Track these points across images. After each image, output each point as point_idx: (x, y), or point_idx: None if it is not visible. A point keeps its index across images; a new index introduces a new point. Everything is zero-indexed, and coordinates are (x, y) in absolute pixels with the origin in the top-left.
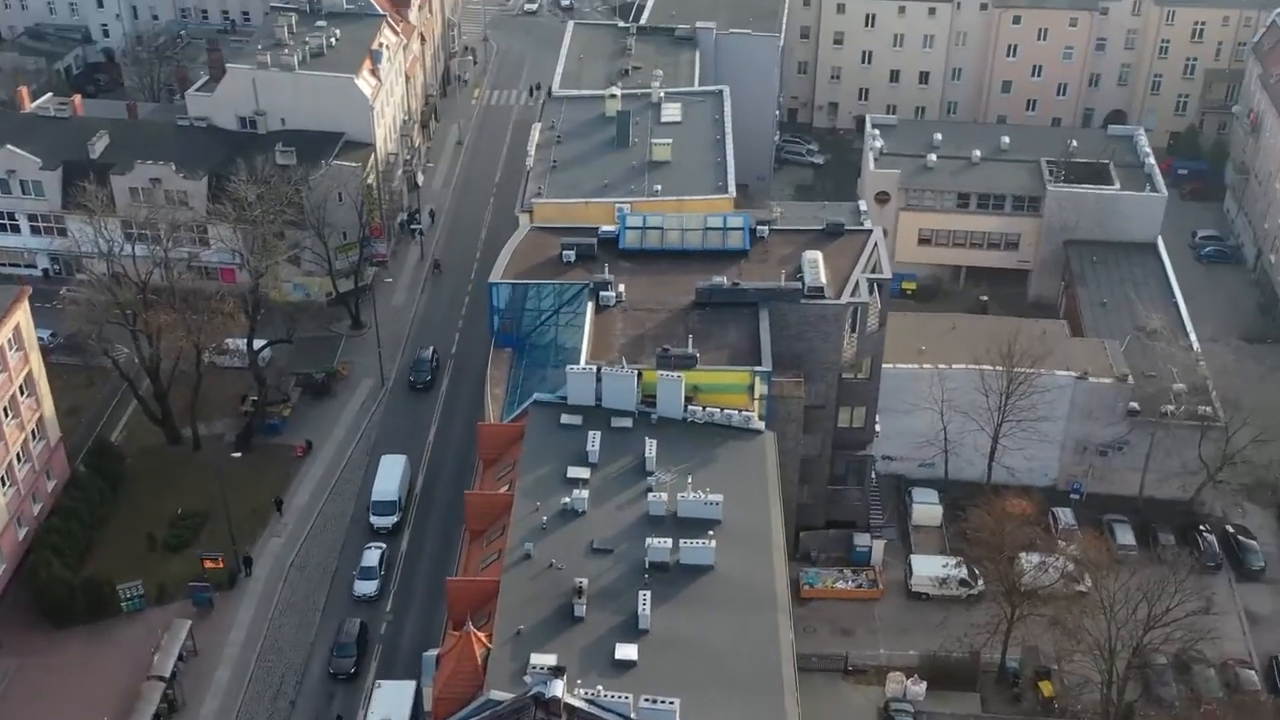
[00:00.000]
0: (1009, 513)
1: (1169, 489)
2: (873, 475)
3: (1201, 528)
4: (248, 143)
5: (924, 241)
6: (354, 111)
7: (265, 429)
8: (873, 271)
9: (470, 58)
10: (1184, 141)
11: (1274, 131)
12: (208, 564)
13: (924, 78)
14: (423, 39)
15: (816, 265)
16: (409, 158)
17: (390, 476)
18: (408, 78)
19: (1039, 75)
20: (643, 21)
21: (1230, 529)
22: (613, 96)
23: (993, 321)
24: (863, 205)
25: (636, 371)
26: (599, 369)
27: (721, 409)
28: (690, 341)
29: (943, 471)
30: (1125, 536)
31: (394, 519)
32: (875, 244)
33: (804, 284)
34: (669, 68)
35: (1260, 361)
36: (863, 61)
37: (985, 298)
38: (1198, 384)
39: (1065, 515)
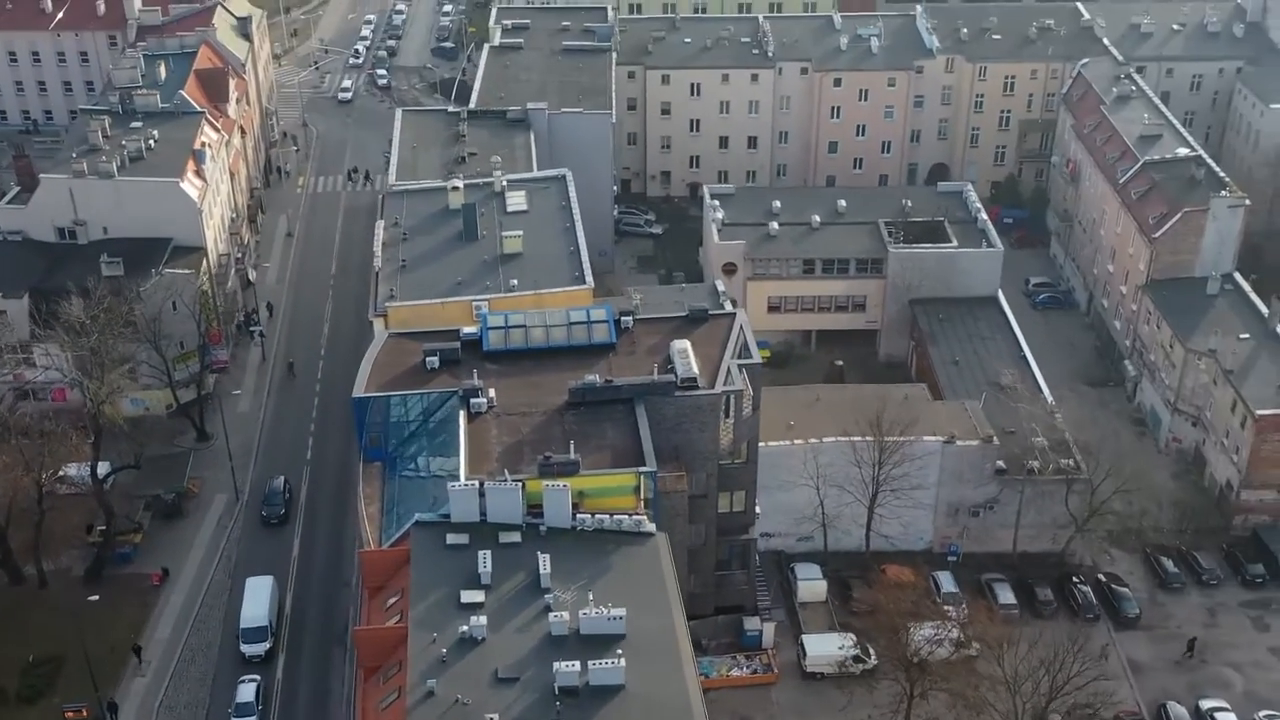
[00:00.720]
0: (891, 583)
1: (1040, 542)
2: (755, 556)
3: (1075, 579)
4: (69, 255)
5: (773, 309)
6: (181, 216)
7: (116, 559)
8: (741, 355)
9: (292, 145)
10: (1005, 190)
11: (1093, 180)
12: (70, 715)
13: (752, 142)
14: (243, 131)
15: (687, 355)
16: (239, 255)
17: (258, 600)
18: (232, 174)
19: (863, 134)
20: (472, 104)
21: (1102, 578)
22: (455, 189)
23: (855, 390)
24: (720, 285)
25: (520, 483)
26: (481, 484)
27: (610, 514)
28: (570, 445)
29: (822, 544)
30: (1006, 595)
31: (266, 646)
32: (741, 326)
33: (676, 376)
34: (505, 152)
35: (1104, 405)
36: (691, 130)
37: (840, 363)
38: (1057, 437)
39: (946, 580)
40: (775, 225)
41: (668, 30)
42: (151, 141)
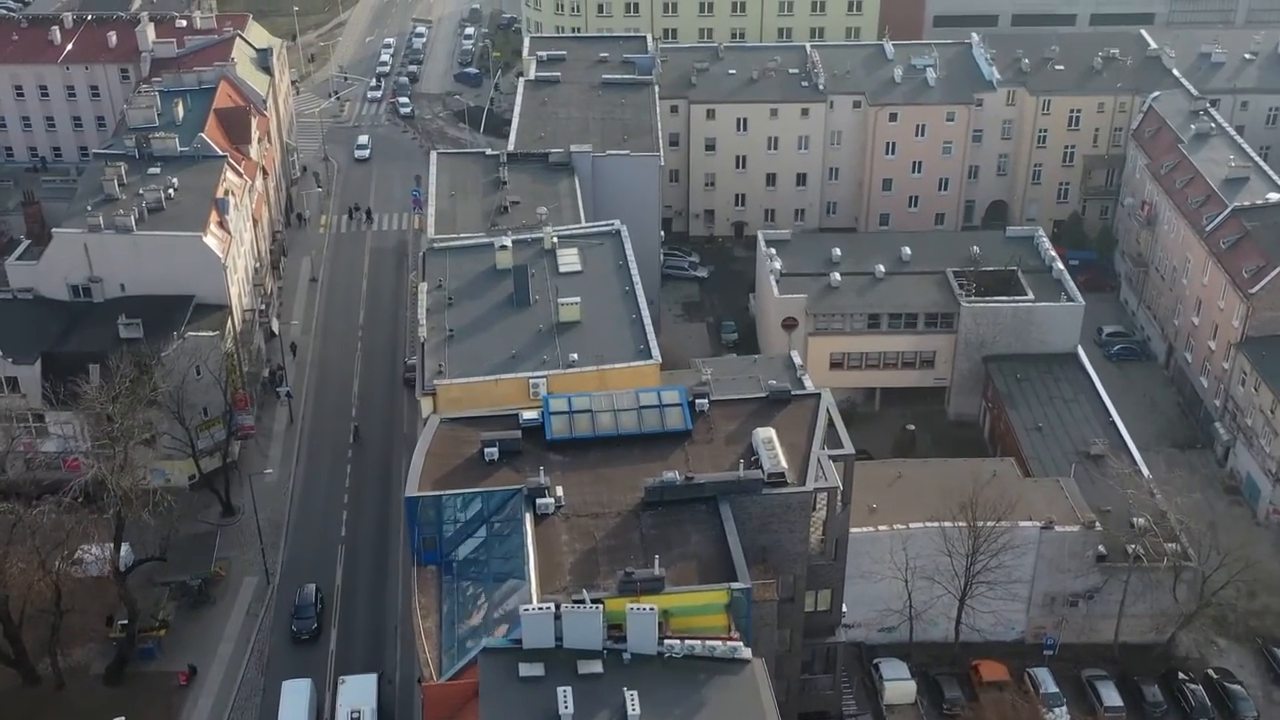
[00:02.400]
0: (988, 684)
1: (1143, 633)
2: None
3: (1184, 676)
4: (84, 314)
5: (835, 365)
6: (204, 272)
7: (140, 655)
8: (829, 442)
9: (314, 183)
10: (1069, 230)
11: (1172, 225)
12: None
13: (801, 179)
14: (265, 173)
15: (772, 446)
16: (263, 306)
17: (296, 711)
18: (255, 220)
19: (919, 171)
20: (511, 145)
21: (1212, 674)
22: (503, 248)
23: (939, 466)
24: (797, 358)
25: (599, 604)
26: (558, 607)
27: (702, 640)
28: (649, 554)
29: (906, 635)
30: (1111, 696)
31: None
32: (828, 410)
33: (763, 471)
34: (549, 199)
35: (1194, 470)
36: (737, 166)
37: (912, 428)
38: (1157, 515)
39: (1045, 678)
40: (837, 276)
41: (710, 60)
42: (171, 190)
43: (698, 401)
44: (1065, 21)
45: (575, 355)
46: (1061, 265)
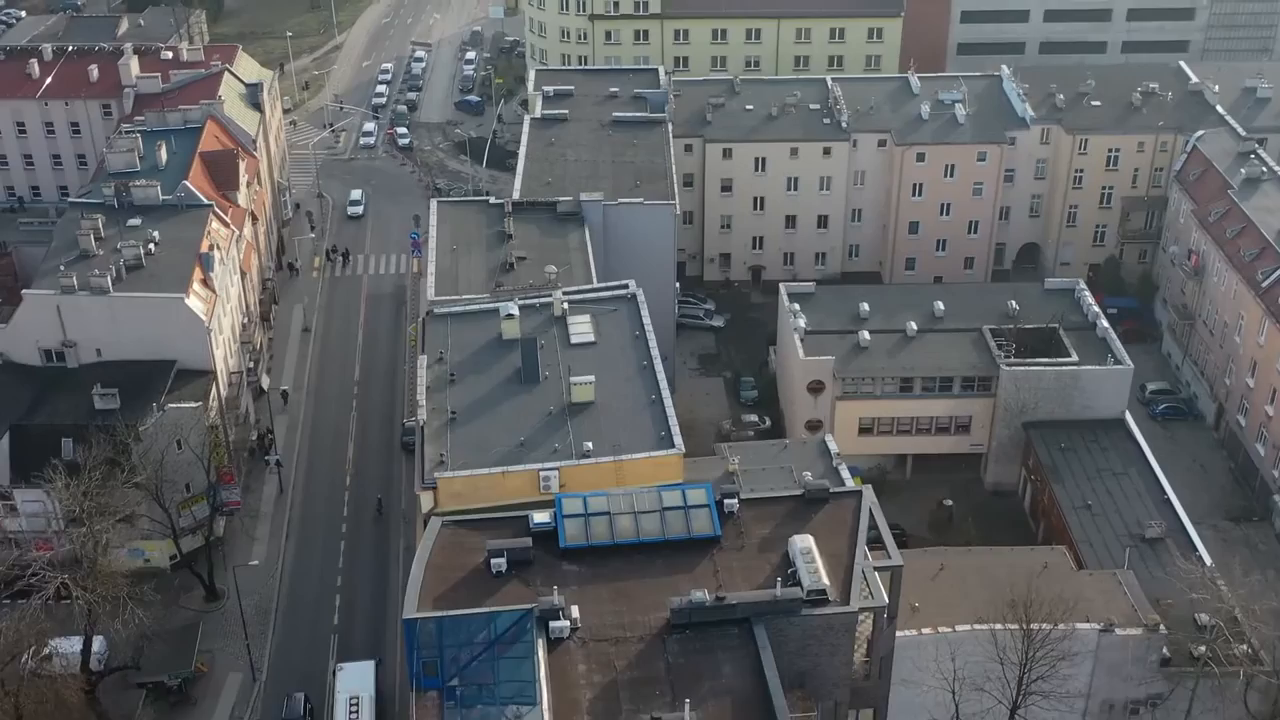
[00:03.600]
0: None
1: None
2: None
3: None
4: (57, 382)
5: (865, 430)
6: (186, 336)
7: None
8: (875, 551)
9: (308, 222)
10: (1106, 275)
11: (1223, 278)
12: None
13: (823, 221)
14: (254, 218)
15: (811, 558)
16: (251, 364)
17: None
18: (243, 272)
19: (948, 214)
20: (516, 192)
21: None
22: (510, 316)
23: (984, 557)
24: (833, 444)
25: None
26: None
27: None
28: (674, 687)
29: None
30: None
31: None
32: (870, 510)
33: (802, 588)
34: (559, 254)
35: (1251, 545)
36: (755, 208)
37: (949, 503)
38: (1223, 611)
39: None
40: (866, 335)
41: (726, 95)
42: (151, 245)
43: (726, 502)
44: (1095, 50)
45: (590, 444)
46: (1107, 323)
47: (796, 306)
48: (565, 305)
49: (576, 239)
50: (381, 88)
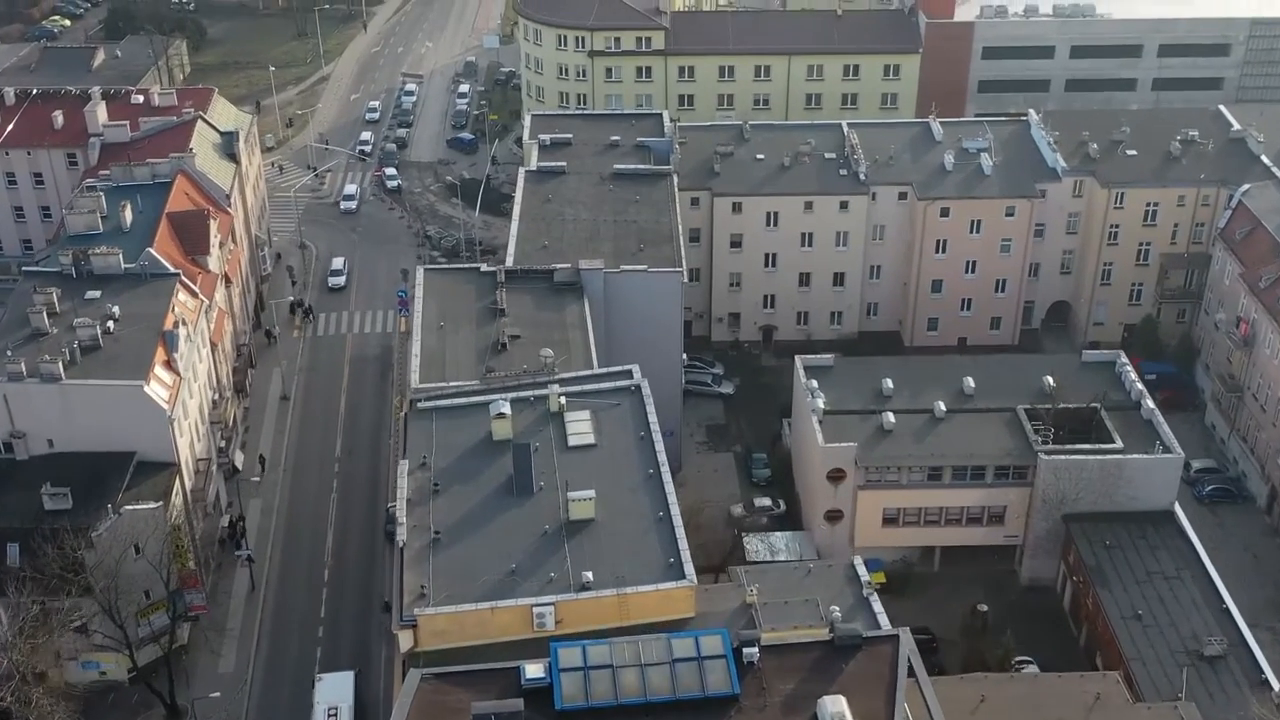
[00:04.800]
0: None
1: None
2: None
3: None
4: (4, 476)
5: (889, 522)
6: (147, 426)
7: None
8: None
9: (289, 277)
10: (1143, 337)
11: (1276, 349)
12: None
13: (839, 279)
14: (228, 280)
15: None
16: (222, 445)
17: None
18: (213, 344)
19: (973, 272)
20: (509, 260)
21: None
22: (501, 415)
23: (1030, 685)
24: (862, 570)
25: None
26: None
27: None
28: None
29: None
30: None
31: None
32: (909, 658)
33: None
34: (555, 330)
35: None
36: (766, 265)
37: (984, 608)
38: None
39: None
40: (890, 417)
41: (735, 142)
42: (111, 323)
43: (745, 650)
44: (1125, 87)
45: (590, 574)
46: (1152, 404)
47: (814, 383)
48: (562, 401)
49: (575, 313)
50: (367, 134)
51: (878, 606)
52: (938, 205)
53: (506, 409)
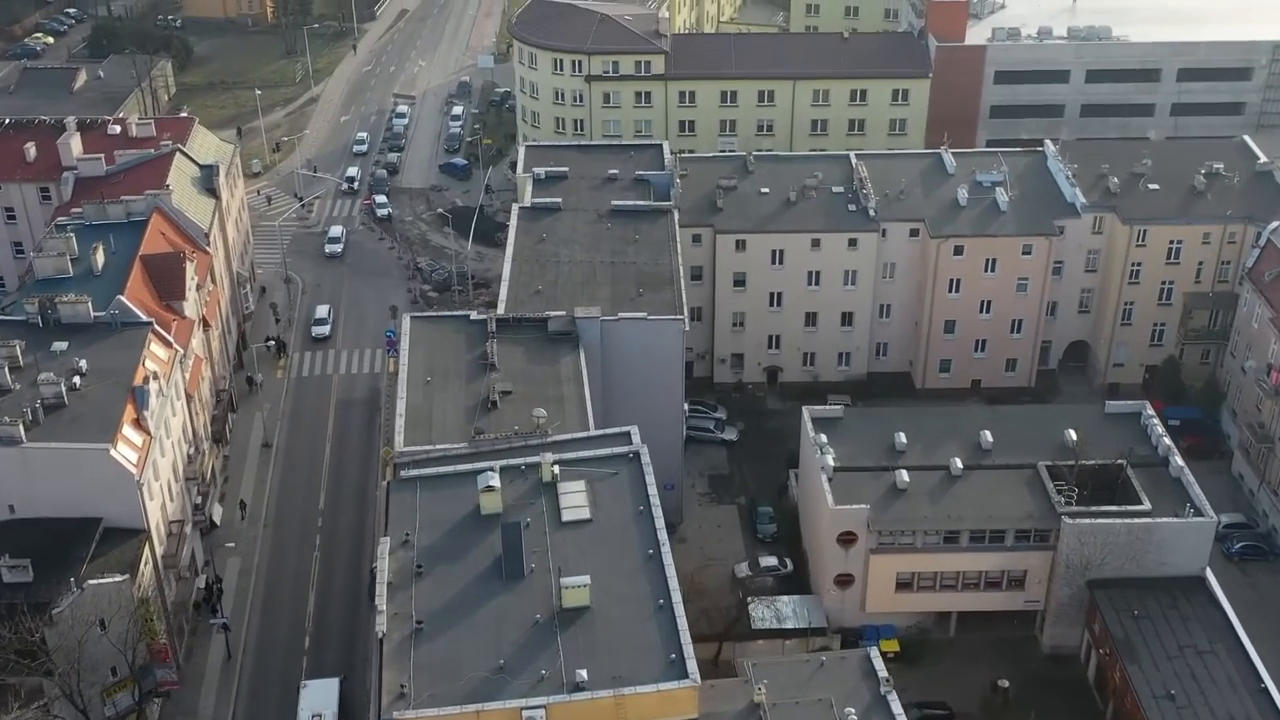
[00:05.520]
0: None
1: None
2: None
3: None
4: None
5: (903, 586)
6: (113, 491)
7: None
8: None
9: (273, 314)
10: (1165, 378)
11: None
12: None
13: (847, 319)
14: (206, 324)
15: None
16: (198, 501)
17: None
18: (189, 396)
19: (988, 311)
20: (500, 307)
21: None
22: (489, 488)
23: None
24: (878, 663)
25: None
26: None
27: None
28: None
29: None
30: None
31: None
32: None
33: None
34: (548, 385)
35: None
36: (771, 304)
37: (1005, 683)
38: None
39: None
40: (904, 475)
41: (739, 174)
42: (77, 378)
43: None
44: (1142, 112)
45: (584, 672)
46: (1181, 461)
47: (823, 437)
48: (556, 471)
49: (570, 365)
50: (354, 169)
51: (897, 708)
52: (951, 243)
53: (495, 481)
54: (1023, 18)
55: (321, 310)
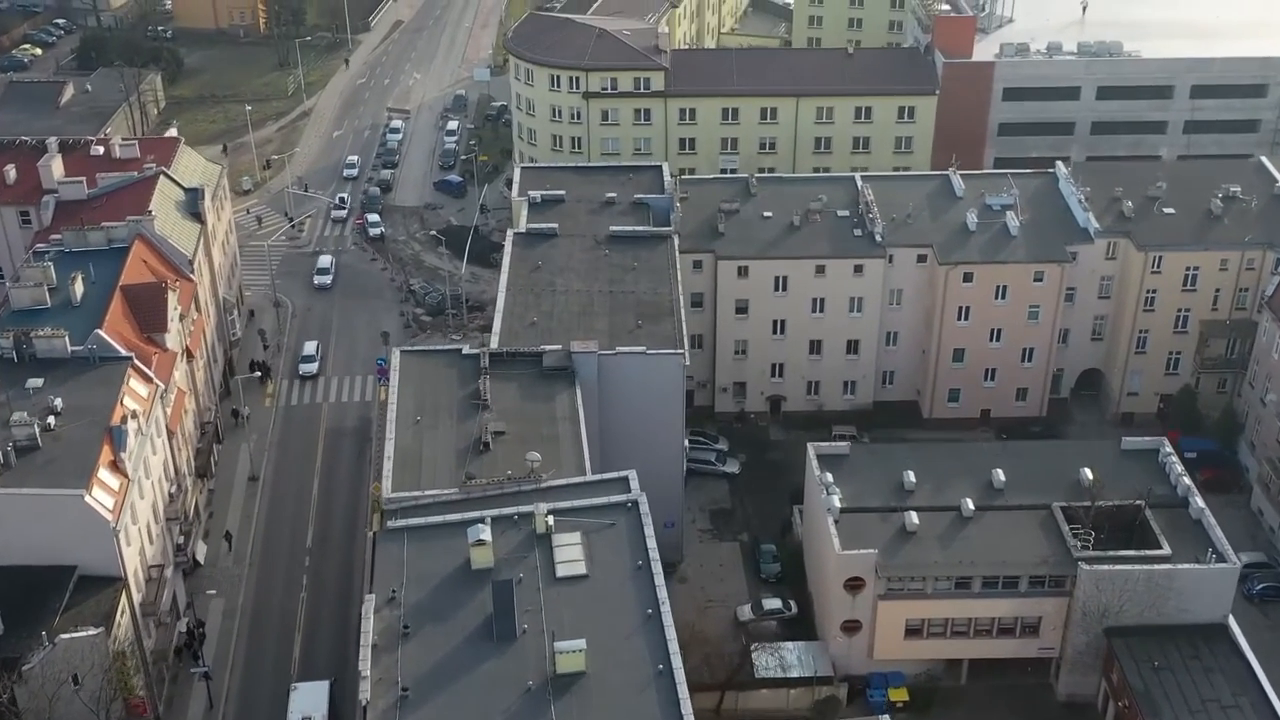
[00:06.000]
0: None
1: None
2: None
3: None
4: None
5: (912, 633)
6: (88, 538)
7: None
8: None
9: (261, 340)
10: (1180, 408)
11: None
12: None
13: (852, 347)
14: (190, 355)
15: None
16: (180, 541)
17: None
18: (170, 433)
19: (998, 340)
20: (493, 340)
21: None
22: (480, 542)
23: None
24: None
25: None
26: None
27: None
28: None
29: None
30: None
31: None
32: None
33: None
34: (543, 424)
35: None
36: (774, 332)
37: None
38: None
39: None
40: (914, 517)
41: (741, 196)
42: (52, 419)
43: None
44: (1154, 129)
45: None
46: (1202, 502)
47: (829, 477)
48: (550, 522)
49: (565, 402)
50: (344, 193)
51: None
52: (960, 270)
53: (486, 535)
54: (1031, 32)
55: (309, 347)
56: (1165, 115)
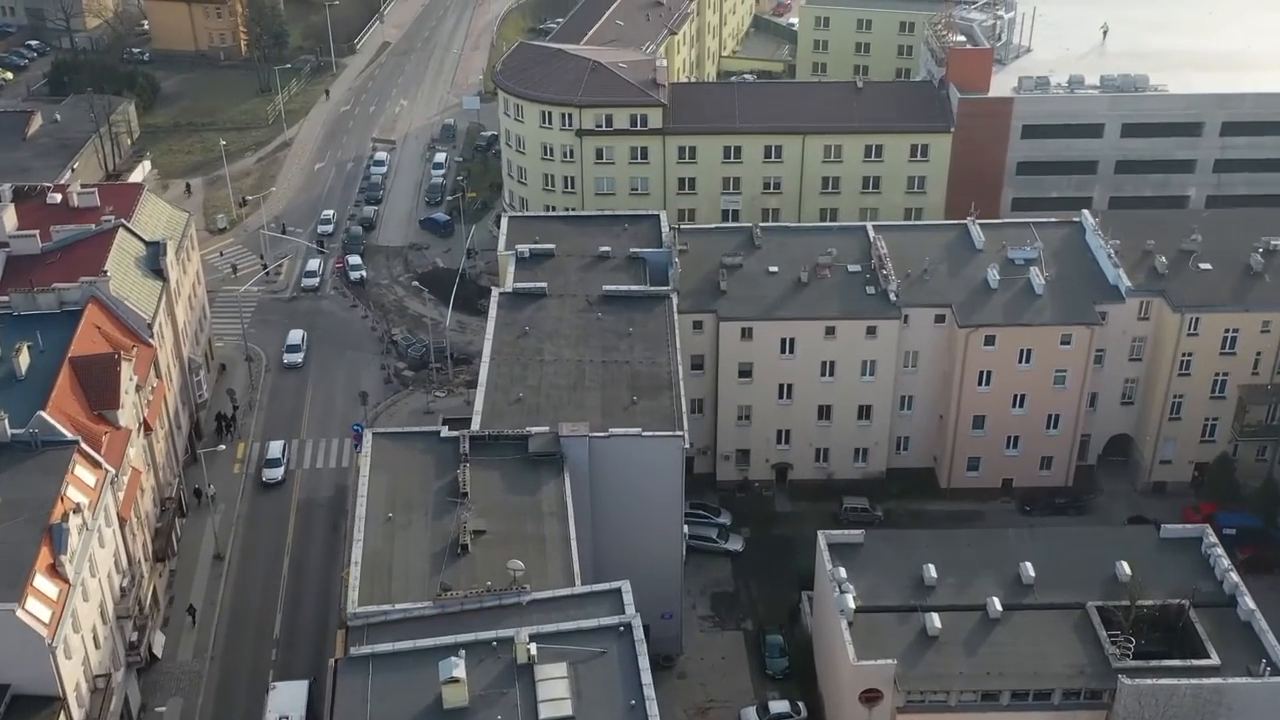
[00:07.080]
0: None
1: None
2: None
3: None
4: None
5: None
6: (21, 656)
7: None
8: None
9: (230, 400)
10: (1216, 477)
11: None
12: None
13: (864, 413)
14: (147, 428)
15: None
16: (134, 638)
17: None
18: (122, 520)
19: (1021, 406)
20: (475, 422)
21: None
22: (454, 680)
23: None
24: None
25: None
26: None
27: None
28: None
29: None
30: None
31: None
32: None
33: None
34: (528, 519)
35: None
36: (780, 397)
37: None
38: None
39: None
40: (936, 621)
41: (744, 249)
42: None
43: None
44: (1183, 169)
45: None
46: (1252, 602)
47: (841, 572)
48: (532, 651)
49: (553, 495)
50: (315, 262)
51: None
52: (982, 333)
53: (460, 671)
54: (1050, 63)
55: (275, 449)
56: (1194, 154)
